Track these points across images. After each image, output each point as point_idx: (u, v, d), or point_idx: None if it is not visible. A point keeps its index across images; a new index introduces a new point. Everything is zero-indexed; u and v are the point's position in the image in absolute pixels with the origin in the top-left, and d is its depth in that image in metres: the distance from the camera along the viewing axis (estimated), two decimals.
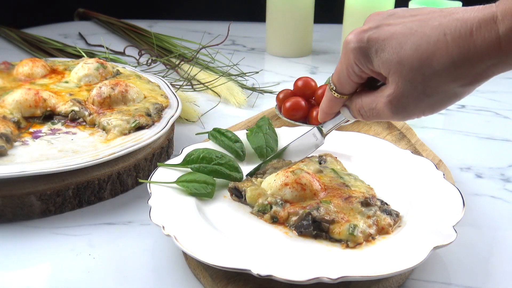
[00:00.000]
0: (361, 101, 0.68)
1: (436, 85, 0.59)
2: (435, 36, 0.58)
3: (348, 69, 0.65)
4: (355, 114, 0.70)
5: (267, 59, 1.59)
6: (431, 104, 0.61)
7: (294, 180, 0.79)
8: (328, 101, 0.72)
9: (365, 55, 0.63)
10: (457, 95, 0.61)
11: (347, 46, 0.64)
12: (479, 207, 0.90)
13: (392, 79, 0.61)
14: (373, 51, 0.62)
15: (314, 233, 0.73)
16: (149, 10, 2.03)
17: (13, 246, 0.79)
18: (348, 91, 0.69)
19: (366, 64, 0.63)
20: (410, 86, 0.60)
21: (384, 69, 0.61)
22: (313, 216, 0.74)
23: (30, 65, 1.14)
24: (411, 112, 0.63)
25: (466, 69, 0.57)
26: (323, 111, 0.74)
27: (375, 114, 0.66)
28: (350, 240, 0.72)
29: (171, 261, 0.76)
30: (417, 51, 0.58)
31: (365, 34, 0.62)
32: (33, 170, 0.82)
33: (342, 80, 0.68)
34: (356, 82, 0.67)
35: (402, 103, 0.62)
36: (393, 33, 0.60)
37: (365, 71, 0.64)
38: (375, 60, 0.62)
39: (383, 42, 0.61)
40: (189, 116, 1.17)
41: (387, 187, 0.85)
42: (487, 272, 0.76)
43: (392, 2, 1.47)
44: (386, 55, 0.60)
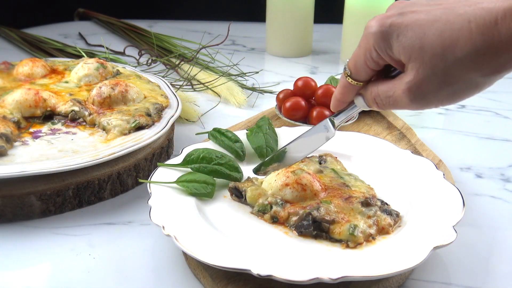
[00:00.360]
0: (377, 89, 0.66)
1: (457, 73, 0.58)
2: (459, 23, 0.57)
3: (366, 54, 0.64)
4: (370, 103, 0.68)
5: (267, 59, 1.59)
6: (450, 93, 0.60)
7: (295, 181, 0.79)
8: (342, 87, 0.70)
9: (385, 40, 0.61)
10: (478, 85, 0.60)
11: (368, 30, 0.62)
12: (479, 207, 0.90)
13: (412, 66, 0.60)
14: (394, 36, 0.60)
15: (314, 233, 0.73)
16: (149, 10, 2.03)
17: (13, 246, 0.79)
18: (363, 78, 0.67)
19: (385, 50, 0.62)
20: (431, 73, 0.59)
21: (405, 55, 0.60)
22: (313, 216, 0.74)
23: (30, 65, 1.14)
24: (429, 101, 0.61)
25: (489, 57, 0.56)
26: (336, 99, 0.73)
27: (392, 102, 0.65)
28: (351, 240, 0.72)
29: (171, 261, 0.76)
30: (440, 38, 0.57)
31: (388, 20, 0.61)
32: (33, 170, 0.82)
33: (358, 65, 0.66)
34: (373, 68, 0.66)
35: (421, 90, 0.61)
36: (417, 19, 0.59)
37: (384, 57, 0.63)
38: (396, 45, 0.61)
39: (405, 27, 0.60)
40: (189, 116, 1.17)
41: (387, 187, 0.85)
42: (487, 272, 0.76)
43: (392, 2, 1.47)
44: (408, 41, 0.59)
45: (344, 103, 0.73)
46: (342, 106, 0.73)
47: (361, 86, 0.69)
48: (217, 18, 1.87)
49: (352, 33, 1.51)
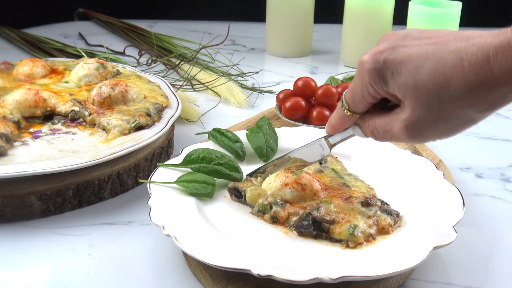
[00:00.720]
0: (374, 122, 0.67)
1: (452, 110, 0.59)
2: (452, 61, 0.57)
3: (363, 89, 0.65)
4: (368, 134, 0.69)
5: (267, 59, 1.59)
6: (447, 129, 0.61)
7: (294, 180, 0.79)
8: (339, 118, 0.71)
9: (380, 77, 0.62)
10: (473, 120, 0.60)
11: (363, 67, 0.63)
12: (479, 207, 0.90)
13: (408, 103, 0.61)
14: (389, 73, 0.61)
15: (314, 233, 0.73)
16: (149, 10, 2.03)
17: (13, 246, 0.79)
18: (361, 110, 0.68)
19: (381, 86, 0.62)
20: (427, 111, 0.60)
21: (400, 92, 0.61)
22: (313, 216, 0.74)
23: (30, 65, 1.14)
24: (426, 136, 0.62)
25: (483, 95, 0.57)
26: (332, 127, 0.73)
27: (389, 136, 0.65)
28: (351, 240, 0.72)
29: (171, 261, 0.76)
30: (434, 76, 0.58)
31: (381, 56, 0.61)
32: (33, 170, 0.82)
33: (356, 99, 0.67)
34: (370, 102, 0.66)
35: (418, 127, 0.61)
36: (410, 56, 0.60)
37: (380, 92, 0.64)
38: (391, 83, 0.61)
39: (399, 64, 0.60)
40: (189, 116, 1.17)
41: (387, 187, 0.85)
42: (487, 272, 0.76)
43: (392, 3, 1.47)
44: (403, 79, 0.60)
45: (340, 131, 0.73)
46: (337, 133, 0.74)
47: (359, 117, 0.70)
48: (217, 18, 1.87)
49: (352, 33, 1.51)
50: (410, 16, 1.45)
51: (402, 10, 1.51)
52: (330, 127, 0.73)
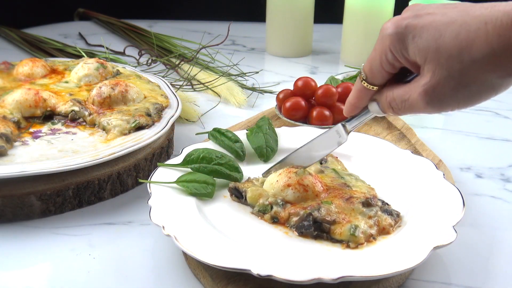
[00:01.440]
0: (392, 93, 0.66)
1: (474, 74, 0.58)
2: (476, 25, 0.57)
3: (382, 56, 0.64)
4: (385, 108, 0.68)
5: (267, 59, 1.59)
6: (467, 95, 0.60)
7: (297, 181, 0.79)
8: (357, 92, 0.70)
9: (401, 41, 0.61)
10: (494, 87, 0.59)
11: (384, 32, 0.62)
12: (479, 207, 0.90)
13: (428, 68, 0.60)
14: (410, 37, 0.60)
15: (315, 234, 0.73)
16: (149, 10, 2.03)
17: (13, 246, 0.79)
18: (379, 81, 0.67)
19: (401, 51, 0.62)
20: (447, 75, 0.59)
21: (420, 56, 0.60)
22: (314, 217, 0.74)
23: (30, 65, 1.14)
24: (446, 103, 0.61)
25: (505, 59, 0.56)
26: (350, 104, 0.72)
27: (407, 106, 0.64)
28: (352, 241, 0.72)
29: (171, 261, 0.76)
30: (457, 39, 0.57)
31: (404, 21, 0.61)
32: (33, 170, 0.82)
33: (374, 69, 0.66)
34: (388, 71, 0.65)
35: (437, 93, 0.60)
36: (433, 21, 0.59)
37: (399, 59, 0.63)
38: (411, 46, 0.60)
39: (421, 29, 0.60)
40: (189, 116, 1.17)
41: (387, 187, 0.85)
42: (487, 272, 0.76)
43: (392, 2, 1.47)
44: (424, 42, 0.59)
45: (358, 108, 0.72)
46: (356, 111, 0.73)
47: (376, 91, 0.68)
48: (217, 18, 1.87)
49: (352, 33, 1.51)
50: None
51: (402, 10, 1.50)
52: (348, 105, 0.72)
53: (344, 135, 0.77)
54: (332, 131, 0.79)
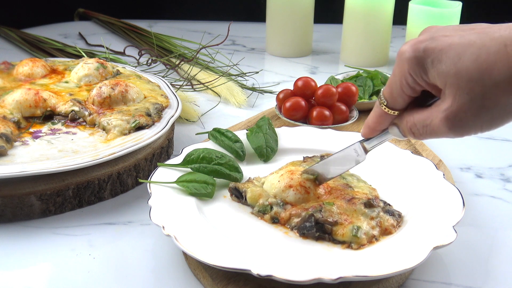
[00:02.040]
0: (413, 118, 0.64)
1: (496, 98, 0.57)
2: (495, 47, 0.56)
3: (402, 80, 0.63)
4: (406, 132, 0.66)
5: (267, 59, 1.59)
6: (490, 119, 0.59)
7: (299, 183, 0.79)
8: (376, 117, 0.68)
9: (420, 66, 0.60)
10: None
11: (402, 56, 0.61)
12: (479, 207, 0.90)
13: (449, 92, 0.59)
14: (429, 61, 0.59)
15: (317, 235, 0.73)
16: (149, 10, 2.03)
17: (13, 246, 0.79)
18: (400, 105, 0.66)
19: (421, 75, 0.61)
20: (469, 99, 0.58)
21: (441, 81, 0.59)
22: (316, 218, 0.74)
23: (30, 65, 1.14)
24: (469, 128, 0.59)
25: None
26: (369, 128, 0.71)
27: (429, 131, 0.63)
28: (354, 242, 0.71)
29: (171, 261, 0.76)
30: (476, 62, 0.56)
31: (421, 44, 0.60)
32: (33, 170, 0.82)
33: (394, 93, 0.64)
34: (409, 95, 0.64)
35: (459, 118, 0.59)
36: (451, 44, 0.58)
37: (420, 83, 0.62)
38: (431, 71, 0.59)
39: (440, 52, 0.59)
40: (189, 116, 1.17)
41: (387, 187, 0.84)
42: (487, 272, 0.76)
43: (392, 3, 1.47)
44: (443, 66, 0.58)
45: (377, 131, 0.71)
46: (374, 134, 0.72)
47: (397, 115, 0.67)
48: (217, 18, 1.87)
49: (352, 33, 1.51)
50: (410, 16, 1.45)
51: (402, 10, 1.51)
52: (367, 128, 0.71)
53: (362, 154, 0.75)
54: (350, 149, 0.76)
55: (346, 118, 1.10)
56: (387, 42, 1.52)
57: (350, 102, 1.12)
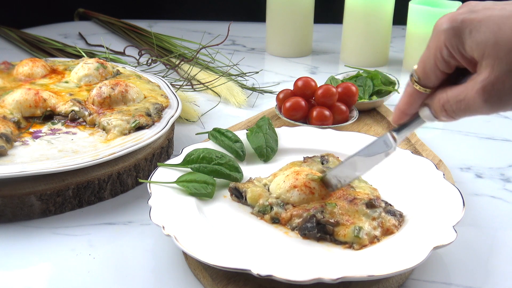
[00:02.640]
0: (446, 94, 0.61)
1: None
2: None
3: (437, 53, 0.60)
4: (438, 111, 0.63)
5: (267, 59, 1.59)
6: None
7: (304, 183, 0.79)
8: (407, 97, 0.66)
9: (457, 36, 0.58)
10: None
11: (439, 28, 0.59)
12: (479, 207, 0.90)
13: (486, 63, 0.57)
14: (467, 31, 0.57)
15: (318, 236, 0.73)
16: (149, 10, 2.03)
17: (13, 246, 0.79)
18: (433, 82, 0.63)
19: (457, 47, 0.59)
20: (507, 70, 0.56)
21: (478, 51, 0.57)
22: (317, 219, 0.74)
23: (30, 65, 1.14)
24: (506, 101, 0.57)
25: None
26: (400, 110, 0.67)
27: (463, 107, 0.60)
28: (356, 242, 0.71)
29: (171, 261, 0.76)
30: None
31: (460, 16, 0.58)
32: (33, 170, 0.82)
33: (428, 68, 0.62)
34: (443, 70, 0.62)
35: (497, 89, 0.56)
36: (490, 15, 0.57)
37: (455, 56, 0.60)
38: (468, 41, 0.57)
39: (478, 23, 0.57)
40: (189, 116, 1.17)
41: (387, 187, 0.84)
42: (487, 272, 0.76)
43: (392, 3, 1.47)
44: (482, 36, 0.56)
45: (407, 115, 0.68)
46: (405, 118, 0.68)
47: (428, 95, 0.65)
48: (217, 18, 1.87)
49: (352, 33, 1.51)
50: (410, 16, 1.45)
51: (402, 10, 1.51)
52: (398, 111, 0.68)
53: (392, 145, 0.70)
54: (379, 141, 0.72)
55: (346, 118, 1.10)
56: (387, 42, 1.52)
57: (350, 102, 1.12)
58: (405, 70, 1.50)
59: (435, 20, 1.51)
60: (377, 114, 1.17)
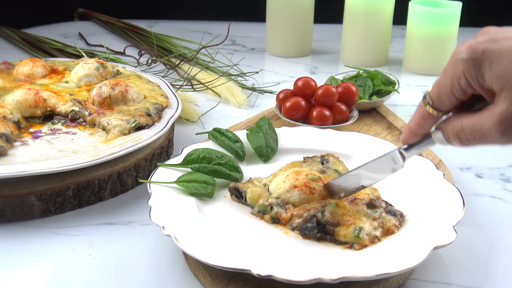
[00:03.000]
0: (460, 122, 0.60)
1: None
2: None
3: (454, 81, 0.59)
4: (451, 137, 0.62)
5: (267, 59, 1.59)
6: None
7: (304, 183, 0.79)
8: (419, 118, 0.64)
9: (477, 67, 0.57)
10: None
11: (458, 56, 0.58)
12: (479, 207, 0.90)
13: (505, 96, 0.56)
14: (487, 63, 0.56)
15: (319, 236, 0.73)
16: (149, 10, 2.03)
17: (13, 246, 0.79)
18: (446, 107, 0.62)
19: (476, 78, 0.58)
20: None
21: (498, 84, 0.56)
22: (317, 219, 0.74)
23: (30, 65, 1.14)
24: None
25: None
26: (410, 131, 0.66)
27: (478, 137, 0.59)
28: (356, 243, 0.71)
29: (171, 261, 0.76)
30: None
31: (480, 46, 0.57)
32: (33, 170, 0.82)
33: (443, 93, 0.61)
34: (458, 97, 0.60)
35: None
36: None
37: (473, 86, 0.59)
38: (488, 73, 0.57)
39: (499, 54, 0.56)
40: (189, 116, 1.17)
41: (387, 187, 0.84)
42: (487, 272, 0.76)
43: (392, 3, 1.47)
44: (502, 69, 0.55)
45: (417, 135, 0.67)
46: (415, 138, 0.67)
47: (440, 118, 0.64)
48: (217, 18, 1.87)
49: (352, 33, 1.51)
50: (410, 16, 1.45)
51: (402, 10, 1.51)
52: (408, 131, 0.67)
53: (400, 162, 0.70)
54: (387, 157, 0.71)
55: (346, 118, 1.10)
56: (387, 42, 1.52)
57: (350, 102, 1.12)
58: (405, 70, 1.50)
59: (435, 20, 1.52)
60: (377, 114, 1.17)
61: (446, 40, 1.42)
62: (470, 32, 1.76)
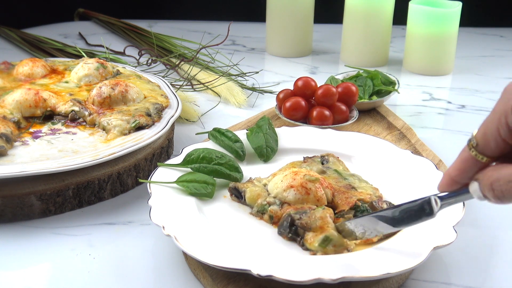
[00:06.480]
0: (497, 172, 0.54)
1: None
2: None
3: (501, 118, 0.53)
4: (486, 189, 0.56)
5: (267, 59, 1.59)
6: None
7: (300, 184, 0.78)
8: (461, 162, 0.58)
9: None
10: None
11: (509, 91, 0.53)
12: (479, 207, 0.90)
13: None
14: None
15: (289, 236, 0.73)
16: (149, 10, 2.03)
17: (13, 246, 0.79)
18: (491, 151, 0.56)
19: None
20: None
21: None
22: (292, 219, 0.74)
23: (30, 65, 1.14)
24: None
25: None
26: (449, 177, 0.60)
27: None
28: (320, 251, 0.70)
29: (171, 261, 0.76)
30: None
31: None
32: (33, 170, 0.82)
33: (488, 133, 0.55)
34: (505, 139, 0.54)
35: None
36: None
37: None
38: None
39: None
40: (189, 116, 1.17)
41: (387, 187, 0.84)
42: (487, 272, 0.76)
43: (392, 3, 1.47)
44: None
45: (457, 183, 0.60)
46: (454, 187, 0.60)
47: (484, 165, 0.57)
48: (217, 18, 1.87)
49: (352, 33, 1.51)
50: (410, 16, 1.45)
51: (402, 10, 1.51)
52: (447, 177, 0.60)
53: (434, 211, 0.63)
54: (422, 203, 0.65)
55: (346, 118, 1.10)
56: (387, 42, 1.52)
57: (350, 102, 1.12)
58: (405, 70, 1.50)
59: (435, 20, 1.52)
60: (377, 114, 1.17)
61: (446, 40, 1.42)
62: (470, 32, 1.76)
